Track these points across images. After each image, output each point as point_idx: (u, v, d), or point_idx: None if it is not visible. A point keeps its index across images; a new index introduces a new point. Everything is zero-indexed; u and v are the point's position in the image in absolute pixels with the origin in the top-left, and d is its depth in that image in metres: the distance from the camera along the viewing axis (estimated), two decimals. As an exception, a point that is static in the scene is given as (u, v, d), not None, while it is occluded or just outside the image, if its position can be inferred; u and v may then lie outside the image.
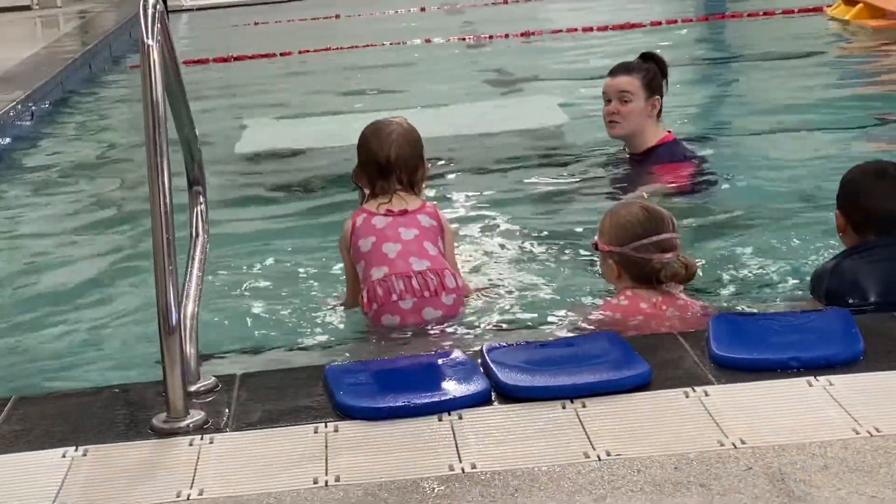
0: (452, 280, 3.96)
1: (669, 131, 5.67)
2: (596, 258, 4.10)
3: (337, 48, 12.09)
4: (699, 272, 3.86)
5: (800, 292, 4.06)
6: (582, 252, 4.68)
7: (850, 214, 3.75)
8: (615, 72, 5.58)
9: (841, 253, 3.82)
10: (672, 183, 5.46)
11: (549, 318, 4.03)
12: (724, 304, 4.05)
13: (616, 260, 3.72)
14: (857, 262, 3.69)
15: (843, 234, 3.81)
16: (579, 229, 5.00)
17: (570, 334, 3.71)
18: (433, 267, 3.93)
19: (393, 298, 3.89)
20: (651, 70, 5.52)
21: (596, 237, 3.82)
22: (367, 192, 4.09)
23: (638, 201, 3.95)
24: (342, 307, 4.17)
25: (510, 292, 4.31)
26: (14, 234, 5.86)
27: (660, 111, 5.56)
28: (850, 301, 3.58)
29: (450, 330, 3.94)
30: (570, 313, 3.98)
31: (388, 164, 3.98)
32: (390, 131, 4.03)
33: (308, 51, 12.09)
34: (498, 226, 5.26)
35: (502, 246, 4.94)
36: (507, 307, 4.16)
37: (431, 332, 3.92)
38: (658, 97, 5.51)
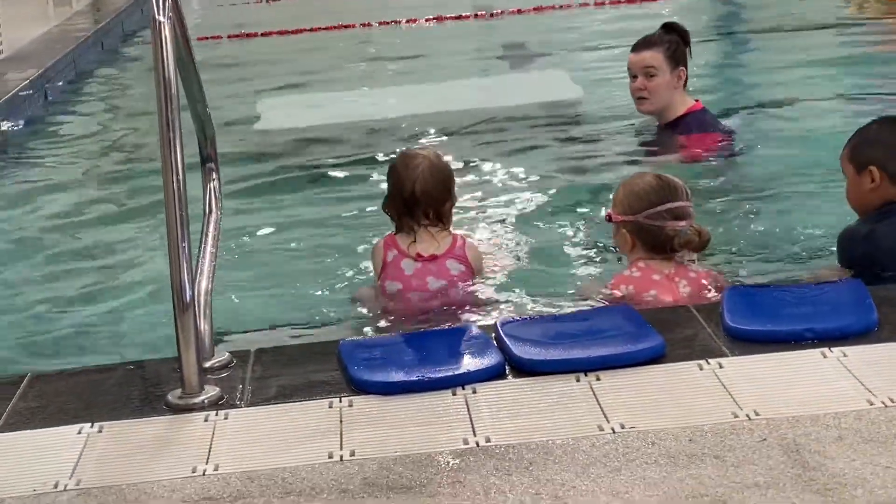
0: None
1: (697, 100, 5.65)
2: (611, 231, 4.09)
3: (349, 25, 12.06)
4: (723, 241, 3.84)
5: (822, 261, 4.05)
6: (599, 225, 4.67)
7: (886, 166, 3.70)
8: (637, 47, 5.55)
9: (872, 217, 3.75)
10: (699, 152, 5.47)
11: (564, 292, 4.03)
12: (746, 273, 4.04)
13: (629, 229, 3.71)
14: (892, 226, 3.65)
15: (874, 192, 3.72)
16: (599, 201, 4.99)
17: (584, 307, 3.70)
18: None
19: None
20: (673, 41, 5.49)
21: (609, 209, 3.82)
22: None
23: (651, 171, 3.93)
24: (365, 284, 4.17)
25: (525, 266, 4.31)
26: (27, 212, 5.87)
27: (685, 80, 5.54)
28: (886, 267, 3.55)
29: (464, 305, 3.94)
30: (583, 286, 3.97)
31: (413, 197, 3.94)
32: (416, 164, 3.98)
33: (320, 28, 12.05)
34: (513, 200, 5.25)
35: (518, 220, 4.93)
36: (522, 281, 4.15)
37: (446, 307, 3.93)
38: (683, 68, 5.49)
